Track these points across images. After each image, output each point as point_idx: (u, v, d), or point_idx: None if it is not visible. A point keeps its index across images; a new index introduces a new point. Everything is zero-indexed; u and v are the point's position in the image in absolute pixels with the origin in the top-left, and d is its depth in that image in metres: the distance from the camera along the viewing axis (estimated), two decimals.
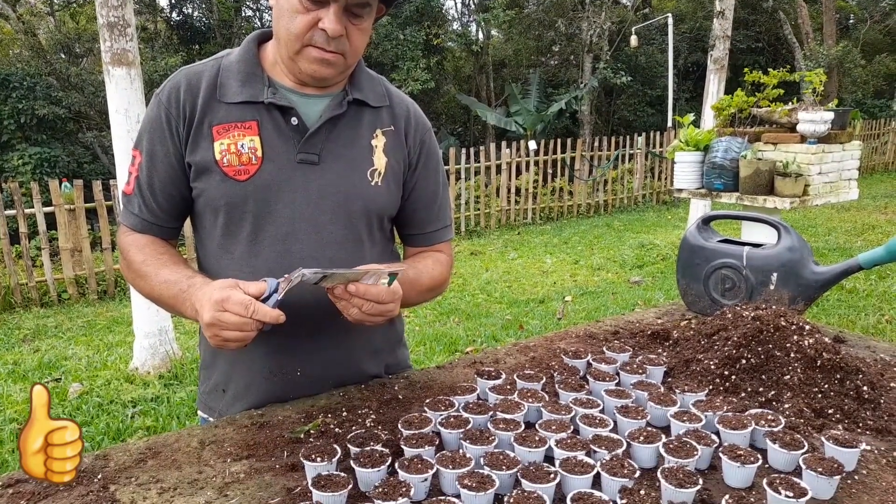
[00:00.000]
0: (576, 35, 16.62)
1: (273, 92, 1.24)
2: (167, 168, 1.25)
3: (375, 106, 1.33)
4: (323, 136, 1.27)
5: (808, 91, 4.84)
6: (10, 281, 6.68)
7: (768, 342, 1.30)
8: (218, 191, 1.24)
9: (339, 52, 1.20)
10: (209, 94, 1.24)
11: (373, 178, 1.30)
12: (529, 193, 10.50)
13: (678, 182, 5.14)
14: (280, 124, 1.25)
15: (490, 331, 5.20)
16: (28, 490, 1.00)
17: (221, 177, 1.23)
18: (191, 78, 1.26)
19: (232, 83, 1.25)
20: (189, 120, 1.24)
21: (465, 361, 1.54)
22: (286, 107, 1.24)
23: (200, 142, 1.24)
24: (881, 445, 1.11)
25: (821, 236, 8.44)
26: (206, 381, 1.40)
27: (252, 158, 1.23)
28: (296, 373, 1.32)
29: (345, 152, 1.29)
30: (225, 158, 1.23)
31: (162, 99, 1.25)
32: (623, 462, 0.97)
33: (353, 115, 1.30)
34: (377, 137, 1.32)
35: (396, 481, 0.94)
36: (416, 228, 1.42)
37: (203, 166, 1.24)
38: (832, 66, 17.75)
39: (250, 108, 1.24)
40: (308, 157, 1.26)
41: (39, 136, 12.60)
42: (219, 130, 1.23)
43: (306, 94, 1.28)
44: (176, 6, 17.06)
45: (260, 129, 1.24)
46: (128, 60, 4.23)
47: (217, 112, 1.24)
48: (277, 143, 1.24)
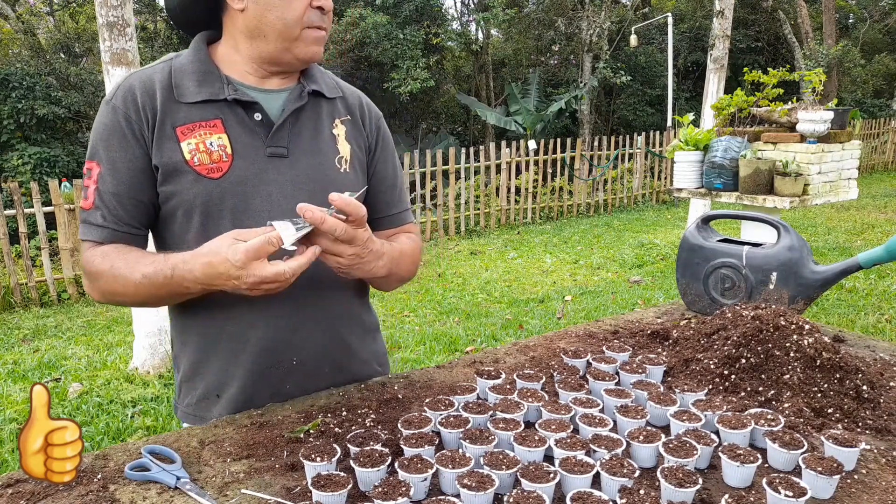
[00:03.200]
0: (575, 34, 16.61)
1: (234, 89, 1.25)
2: (133, 174, 1.22)
3: (330, 97, 1.37)
4: (288, 128, 1.29)
5: (807, 90, 4.84)
6: (10, 281, 6.68)
7: (768, 341, 1.30)
8: (192, 191, 1.22)
9: (326, 29, 1.26)
10: (166, 95, 1.23)
11: (341, 166, 1.34)
12: (529, 193, 10.50)
13: (678, 181, 5.14)
14: (244, 120, 1.26)
15: (490, 330, 5.20)
16: (28, 490, 1.00)
17: (195, 176, 1.22)
18: (144, 81, 1.24)
19: (188, 83, 1.24)
20: (151, 122, 1.22)
21: (464, 361, 1.54)
22: (249, 102, 1.25)
23: (165, 143, 1.22)
24: (881, 445, 1.11)
25: (820, 236, 8.44)
26: (190, 392, 1.37)
27: (223, 156, 1.23)
28: (291, 362, 1.32)
29: (311, 143, 1.31)
30: (195, 158, 1.22)
31: (117, 105, 1.22)
32: (623, 461, 0.97)
33: (312, 106, 1.33)
34: (337, 126, 1.36)
35: (396, 481, 0.94)
36: (382, 212, 1.45)
37: (172, 168, 1.22)
38: (832, 65, 17.76)
39: (211, 106, 1.24)
40: (277, 150, 1.27)
41: (39, 136, 12.59)
42: (183, 131, 1.22)
43: (266, 88, 1.30)
44: None
45: (225, 126, 1.24)
46: (127, 60, 4.23)
47: (177, 113, 1.23)
48: (245, 139, 1.25)
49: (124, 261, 1.20)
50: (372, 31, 13.60)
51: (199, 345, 1.34)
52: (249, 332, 1.29)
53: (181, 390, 1.39)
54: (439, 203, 9.46)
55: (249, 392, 1.32)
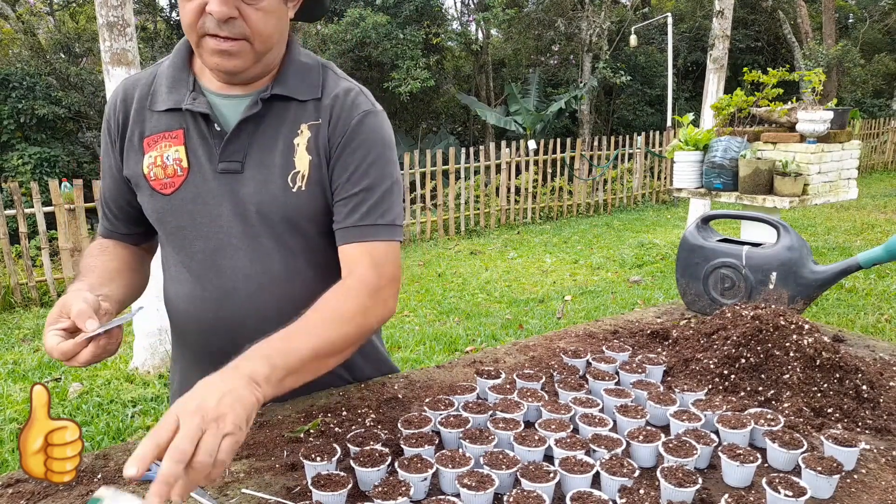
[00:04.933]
0: (575, 34, 16.61)
1: (194, 97, 1.15)
2: (113, 180, 1.25)
3: (302, 100, 1.18)
4: (245, 140, 1.15)
5: (807, 90, 4.84)
6: (10, 281, 6.68)
7: (767, 341, 1.30)
8: (149, 205, 1.20)
9: (240, 38, 1.06)
10: (141, 104, 1.19)
11: (294, 183, 1.16)
12: (529, 193, 10.50)
13: (678, 181, 5.14)
14: (203, 131, 1.16)
15: (490, 330, 5.20)
16: (28, 490, 1.00)
17: (150, 191, 1.19)
18: (127, 88, 1.22)
19: (161, 90, 1.18)
20: (122, 133, 1.20)
21: (464, 361, 1.54)
22: (202, 112, 1.14)
23: (132, 155, 1.20)
24: (880, 444, 1.11)
25: (820, 235, 8.44)
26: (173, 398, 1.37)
27: (178, 170, 1.16)
28: None
29: (266, 157, 1.16)
30: (152, 172, 1.17)
31: (107, 111, 1.23)
32: (622, 461, 0.97)
33: (275, 113, 1.17)
34: (301, 134, 1.17)
35: (396, 481, 0.94)
36: (337, 222, 1.18)
37: (135, 181, 1.21)
38: (831, 65, 17.75)
39: (176, 115, 1.17)
40: (230, 165, 1.15)
41: (39, 136, 12.59)
42: (149, 142, 1.18)
43: (230, 94, 1.17)
44: (176, 6, 17.05)
45: (185, 137, 1.16)
46: (127, 60, 4.23)
47: (148, 122, 1.18)
48: (201, 152, 1.16)
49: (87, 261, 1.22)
50: (372, 31, 13.61)
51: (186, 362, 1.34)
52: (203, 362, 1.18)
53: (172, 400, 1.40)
54: (439, 203, 9.46)
55: None
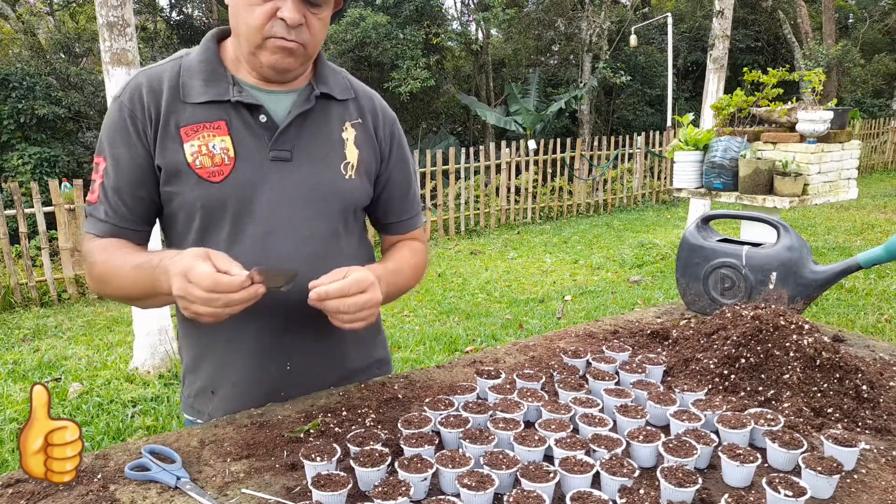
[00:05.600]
0: (575, 34, 16.61)
1: (239, 90, 1.23)
2: (134, 171, 1.22)
3: (342, 99, 1.33)
4: (294, 132, 1.26)
5: (807, 90, 4.84)
6: (10, 281, 6.68)
7: (767, 341, 1.30)
8: (193, 194, 1.22)
9: (300, 42, 1.19)
10: (172, 94, 1.22)
11: (346, 172, 1.30)
12: (529, 193, 10.50)
13: (677, 181, 5.14)
14: (249, 122, 1.23)
15: (490, 330, 5.20)
16: (28, 490, 1.00)
17: (196, 179, 1.21)
18: (151, 79, 1.23)
19: (195, 83, 1.22)
20: (155, 121, 1.21)
21: (464, 361, 1.54)
22: (253, 104, 1.23)
23: (168, 144, 1.21)
24: (880, 444, 1.11)
25: (820, 235, 8.45)
26: (191, 384, 1.38)
27: (225, 159, 1.21)
28: (285, 367, 1.32)
29: (317, 147, 1.28)
30: (197, 160, 1.20)
31: (124, 102, 1.22)
32: (622, 461, 0.97)
33: (321, 109, 1.30)
34: (347, 130, 1.32)
35: (396, 481, 0.94)
36: (392, 217, 1.43)
37: (174, 169, 1.21)
38: (831, 65, 17.76)
39: (216, 107, 1.22)
40: (280, 153, 1.24)
41: (39, 136, 12.59)
42: (187, 132, 1.21)
43: (271, 90, 1.27)
44: (176, 6, 17.05)
45: (229, 128, 1.22)
46: (127, 60, 4.23)
47: (182, 113, 1.22)
48: (249, 142, 1.23)
49: (120, 253, 1.22)
50: (372, 31, 13.61)
51: (199, 339, 1.35)
52: (242, 334, 1.29)
53: (184, 381, 1.41)
54: (439, 203, 9.46)
55: (243, 392, 1.32)
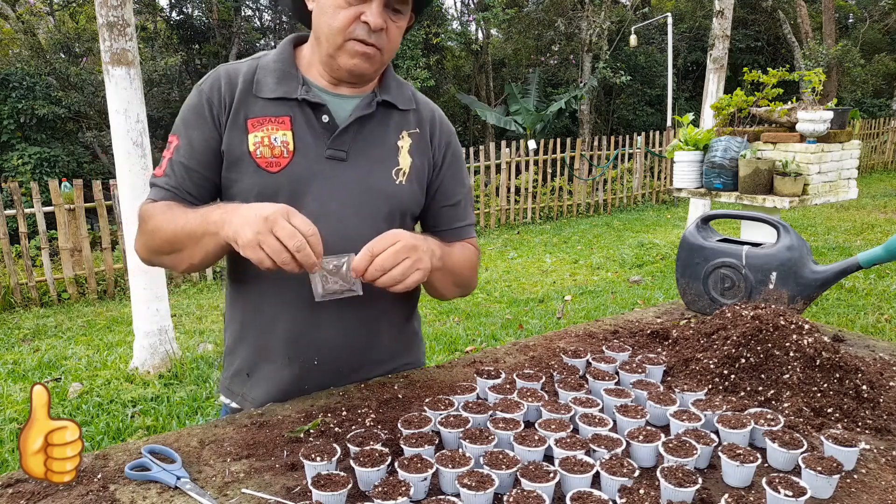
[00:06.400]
0: (575, 34, 16.61)
1: (307, 90, 1.30)
2: (205, 152, 1.30)
3: (403, 109, 1.39)
4: (352, 134, 1.32)
5: (807, 90, 4.84)
6: (10, 281, 6.68)
7: (767, 341, 1.30)
8: (250, 181, 1.28)
9: (378, 47, 1.26)
10: (246, 88, 1.31)
11: (397, 177, 1.36)
12: (529, 193, 10.50)
13: (677, 181, 5.14)
14: (312, 121, 1.31)
15: (490, 330, 5.20)
16: (28, 490, 1.00)
17: (254, 167, 1.28)
18: (230, 72, 1.33)
19: (268, 80, 1.31)
20: (228, 110, 1.30)
21: (464, 361, 1.54)
22: (318, 104, 1.30)
23: (235, 133, 1.29)
24: (880, 444, 1.11)
25: (820, 235, 8.45)
26: (229, 366, 1.43)
27: (284, 152, 1.28)
28: (313, 362, 1.35)
29: (372, 150, 1.34)
30: (258, 150, 1.28)
31: (204, 89, 1.32)
32: (622, 461, 0.97)
33: (381, 115, 1.36)
34: (403, 139, 1.38)
35: (396, 481, 0.94)
36: (442, 225, 1.47)
37: (236, 157, 1.29)
38: (831, 65, 17.76)
39: (284, 104, 1.30)
40: (336, 153, 1.31)
41: (39, 136, 12.59)
42: (253, 123, 1.29)
43: (338, 93, 1.34)
44: (175, 6, 17.05)
45: (293, 124, 1.30)
46: (127, 60, 4.23)
47: (253, 106, 1.30)
48: (308, 139, 1.30)
49: (181, 207, 1.27)
50: None
51: (241, 322, 1.39)
52: (277, 322, 1.33)
53: (225, 362, 1.46)
54: None
55: (272, 379, 1.36)
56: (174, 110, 15.86)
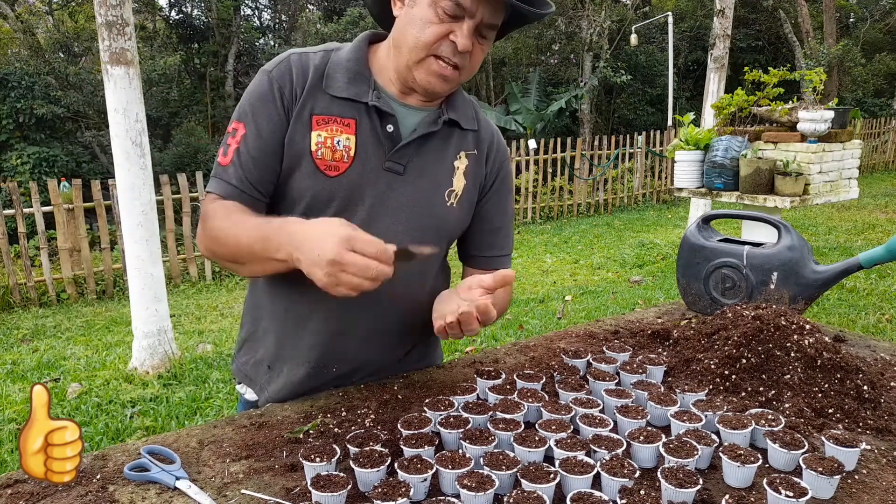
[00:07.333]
0: (576, 34, 16.60)
1: (377, 96, 1.26)
2: (274, 142, 1.24)
3: (465, 128, 1.35)
4: (413, 148, 1.29)
5: (808, 90, 4.83)
6: (9, 281, 6.68)
7: (768, 342, 1.29)
8: (306, 181, 1.25)
9: (459, 68, 1.21)
10: (315, 81, 1.26)
11: (449, 199, 1.33)
12: (529, 192, 10.50)
13: (678, 181, 5.14)
14: (376, 128, 1.26)
15: (490, 330, 5.19)
16: (27, 490, 1.00)
17: (313, 168, 1.24)
18: (302, 61, 1.27)
19: (339, 77, 1.26)
20: (296, 101, 1.25)
21: (464, 361, 1.54)
22: (387, 113, 1.26)
23: (299, 126, 1.25)
24: (881, 445, 1.11)
25: (821, 235, 8.44)
26: (250, 352, 1.41)
27: (344, 156, 1.24)
28: (332, 369, 1.35)
29: (429, 169, 1.31)
30: (320, 151, 1.24)
31: (274, 76, 1.25)
32: (623, 462, 0.96)
33: (444, 134, 1.33)
34: (460, 159, 1.35)
35: (396, 481, 0.93)
36: (478, 251, 1.44)
37: (297, 153, 1.24)
38: (832, 64, 17.75)
39: (352, 105, 1.26)
40: (395, 166, 1.27)
41: (38, 136, 12.59)
42: (318, 121, 1.25)
43: (406, 104, 1.30)
44: (175, 5, 17.05)
45: (357, 128, 1.25)
46: (126, 59, 4.23)
47: (319, 101, 1.25)
48: (370, 147, 1.26)
49: (242, 215, 1.22)
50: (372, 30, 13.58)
51: (269, 312, 1.37)
52: (306, 323, 1.32)
53: (243, 347, 1.44)
54: None
55: (290, 376, 1.35)
56: (173, 110, 15.87)
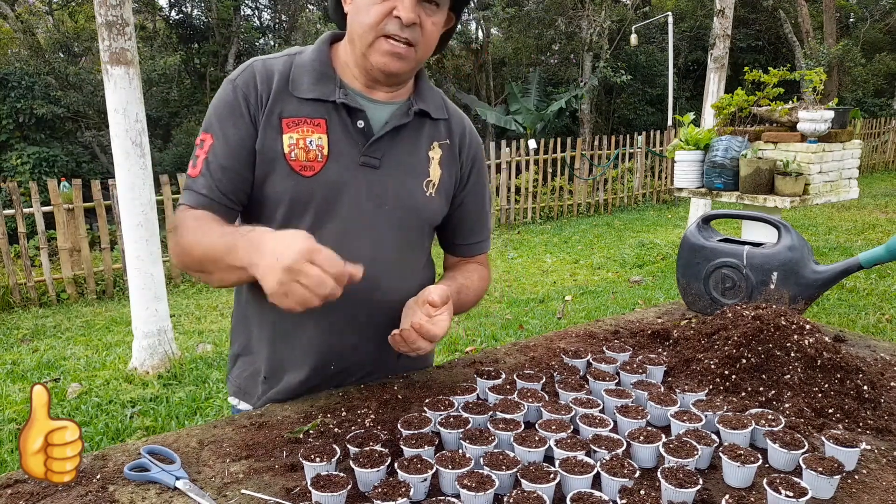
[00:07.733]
0: (576, 33, 16.60)
1: (344, 93, 1.27)
2: (241, 150, 1.25)
3: (435, 118, 1.37)
4: (386, 142, 1.30)
5: (808, 90, 4.83)
6: (9, 281, 6.68)
7: (768, 342, 1.29)
8: (283, 184, 1.25)
9: (411, 44, 1.21)
10: (281, 86, 1.26)
11: (427, 189, 1.35)
12: (529, 192, 10.50)
13: (678, 181, 5.14)
14: (347, 125, 1.28)
15: (490, 330, 5.19)
16: (27, 490, 1.00)
17: (288, 170, 1.25)
18: (266, 67, 1.28)
19: (304, 79, 1.27)
20: (263, 107, 1.26)
21: (464, 361, 1.54)
22: (356, 109, 1.27)
23: (269, 131, 1.25)
24: (881, 445, 1.11)
25: (821, 235, 8.44)
26: (244, 366, 1.42)
27: (318, 156, 1.25)
28: (329, 367, 1.35)
29: (404, 160, 1.32)
30: (293, 153, 1.25)
31: (238, 84, 1.26)
32: (623, 462, 0.96)
33: (415, 125, 1.34)
34: (434, 149, 1.36)
35: (396, 481, 0.93)
36: (460, 239, 1.48)
37: (269, 157, 1.25)
38: (832, 64, 17.75)
39: (320, 105, 1.27)
40: (370, 160, 1.29)
41: (38, 136, 12.59)
42: (288, 123, 1.25)
43: (374, 99, 1.31)
44: (175, 5, 17.04)
45: (328, 127, 1.27)
46: (126, 59, 4.23)
47: (287, 105, 1.26)
48: (343, 144, 1.27)
49: (211, 224, 1.21)
50: None
51: (259, 324, 1.37)
52: (300, 330, 1.32)
53: (238, 363, 1.44)
54: None
55: (288, 382, 1.35)
56: (173, 110, 15.87)
